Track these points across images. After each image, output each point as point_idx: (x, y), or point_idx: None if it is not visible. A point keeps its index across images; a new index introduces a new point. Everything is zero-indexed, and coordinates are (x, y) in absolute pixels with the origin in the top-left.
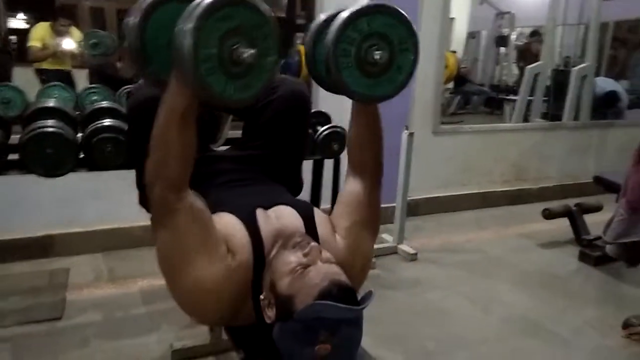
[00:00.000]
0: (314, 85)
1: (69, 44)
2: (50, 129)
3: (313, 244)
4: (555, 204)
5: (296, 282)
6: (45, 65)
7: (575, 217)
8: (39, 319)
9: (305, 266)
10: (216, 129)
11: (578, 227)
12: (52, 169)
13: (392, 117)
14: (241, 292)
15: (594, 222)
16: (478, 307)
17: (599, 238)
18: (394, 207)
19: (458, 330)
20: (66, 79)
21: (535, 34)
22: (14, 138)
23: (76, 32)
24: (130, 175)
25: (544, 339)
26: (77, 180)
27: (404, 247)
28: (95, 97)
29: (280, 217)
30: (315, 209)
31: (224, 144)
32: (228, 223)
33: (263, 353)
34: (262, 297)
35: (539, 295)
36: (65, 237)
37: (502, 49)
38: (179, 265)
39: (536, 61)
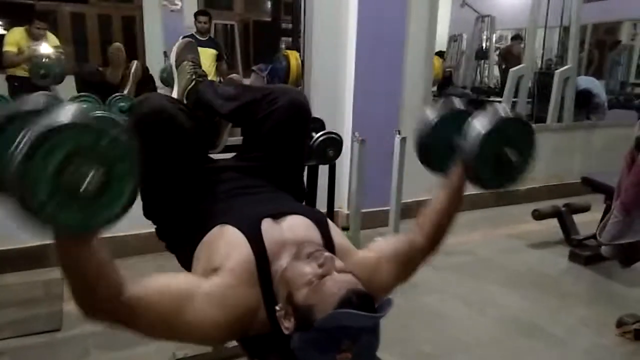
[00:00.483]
0: (308, 91)
1: (45, 48)
2: None
3: (327, 254)
4: (542, 205)
5: (314, 293)
6: (19, 72)
7: (564, 217)
8: (37, 330)
9: (321, 276)
10: (216, 135)
11: (567, 227)
12: None
13: (382, 121)
14: (249, 307)
15: (582, 222)
16: (473, 309)
17: (588, 238)
18: (387, 210)
19: (455, 332)
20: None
21: (517, 37)
22: None
23: (52, 37)
24: None
25: (540, 339)
26: None
27: None
28: (84, 106)
29: (292, 227)
30: (328, 220)
31: (222, 151)
32: (228, 240)
33: None
34: (277, 308)
35: (532, 296)
36: None
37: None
38: (169, 331)
39: (518, 63)
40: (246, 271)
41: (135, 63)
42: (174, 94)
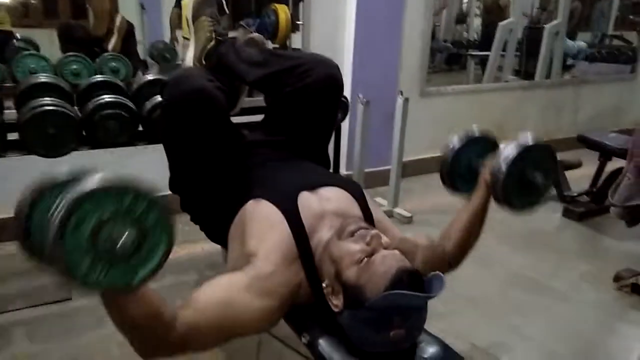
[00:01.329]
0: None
1: None
2: (52, 107)
3: (374, 231)
4: None
5: (364, 272)
6: None
7: (557, 173)
8: (48, 300)
9: (369, 254)
10: (236, 97)
11: (560, 183)
12: (54, 148)
13: (383, 81)
14: (294, 284)
15: (572, 178)
16: (477, 266)
17: (581, 194)
18: (387, 170)
19: (463, 290)
20: (8, 41)
21: None
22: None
23: None
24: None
25: (545, 294)
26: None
27: (399, 211)
28: (74, 66)
29: (330, 199)
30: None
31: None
32: (264, 218)
33: (327, 334)
34: (324, 285)
35: (531, 252)
36: None
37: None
38: (230, 334)
39: (502, 17)
40: (284, 250)
41: (119, 16)
42: (189, 54)
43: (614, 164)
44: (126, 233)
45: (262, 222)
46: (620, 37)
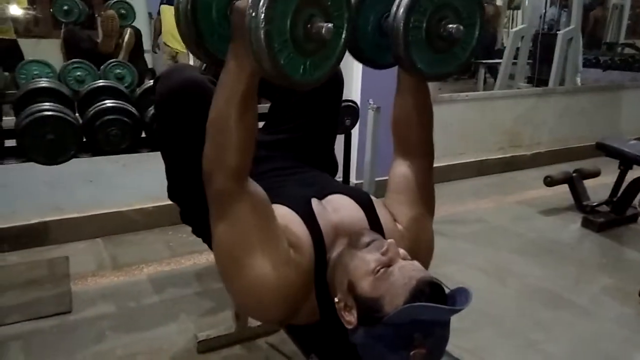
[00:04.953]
0: None
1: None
2: (51, 112)
3: (390, 240)
4: (547, 170)
5: (381, 283)
6: None
7: (575, 183)
8: (47, 313)
9: (386, 265)
10: None
11: (579, 193)
12: (54, 155)
13: (394, 87)
14: (304, 289)
15: (590, 187)
16: (493, 279)
17: (601, 204)
18: None
19: (479, 305)
20: (12, 51)
21: None
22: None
23: None
24: (123, 158)
25: (565, 309)
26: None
27: None
28: (79, 73)
29: (339, 209)
30: (372, 197)
31: None
32: (285, 217)
33: (337, 356)
34: (337, 299)
35: (550, 264)
36: (60, 223)
37: None
38: (241, 260)
39: (493, 25)
40: (306, 253)
41: (128, 31)
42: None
43: (635, 172)
44: (328, 26)
45: (284, 221)
46: (632, 45)
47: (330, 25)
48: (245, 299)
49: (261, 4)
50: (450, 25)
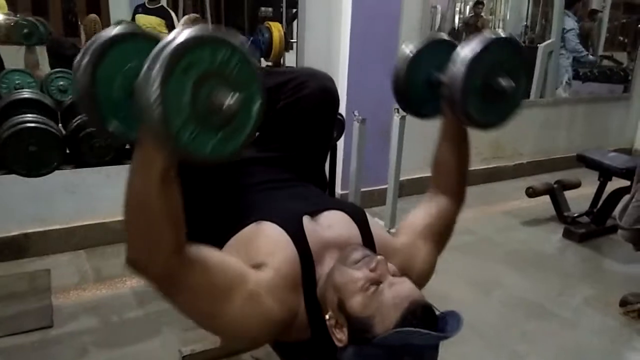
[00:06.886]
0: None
1: None
2: (33, 124)
3: (379, 257)
4: (529, 180)
5: (371, 302)
6: None
7: (556, 194)
8: (28, 328)
9: (375, 282)
10: None
11: (560, 204)
12: (36, 167)
13: (379, 98)
14: (292, 310)
15: (571, 198)
16: (478, 290)
17: (582, 215)
18: (384, 189)
19: (465, 317)
20: None
21: (479, 3)
22: None
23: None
24: (106, 168)
25: (549, 320)
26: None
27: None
28: (62, 82)
29: (332, 225)
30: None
31: None
32: (270, 237)
33: None
34: (327, 317)
35: (534, 276)
36: (42, 235)
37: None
38: (211, 313)
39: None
40: (291, 272)
41: None
42: None
43: (614, 184)
44: (229, 96)
45: (269, 241)
46: (610, 57)
47: (237, 94)
48: (227, 335)
49: (151, 81)
50: (502, 80)
